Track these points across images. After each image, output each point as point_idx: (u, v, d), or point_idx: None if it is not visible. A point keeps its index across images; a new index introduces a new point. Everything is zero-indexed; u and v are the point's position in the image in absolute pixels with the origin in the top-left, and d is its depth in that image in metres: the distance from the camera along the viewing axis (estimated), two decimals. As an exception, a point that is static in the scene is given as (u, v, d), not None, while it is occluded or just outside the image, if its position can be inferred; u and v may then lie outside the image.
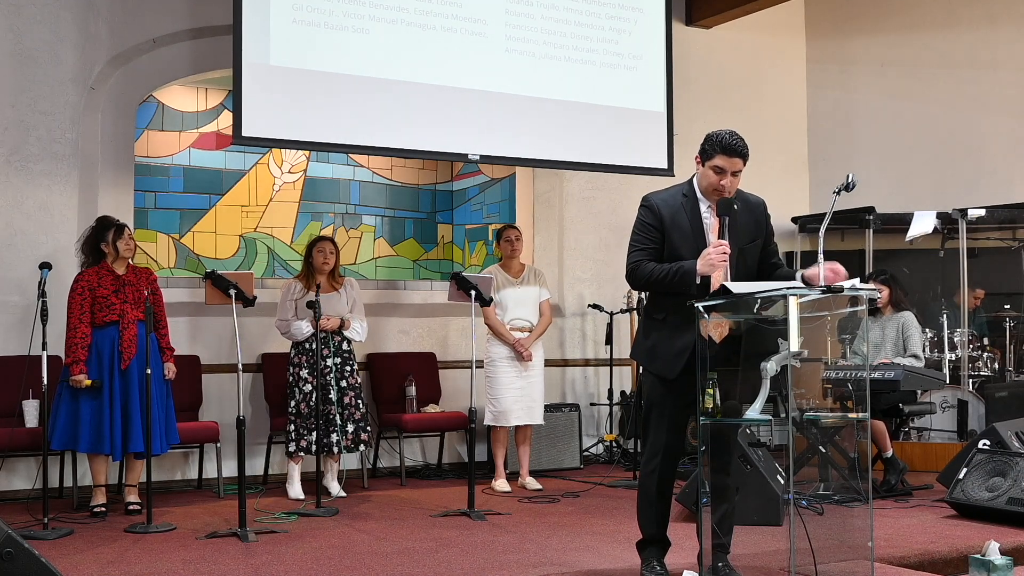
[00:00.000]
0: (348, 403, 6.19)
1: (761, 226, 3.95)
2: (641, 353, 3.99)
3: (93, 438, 5.46)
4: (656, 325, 3.90)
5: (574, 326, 8.16)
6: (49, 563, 3.12)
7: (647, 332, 3.95)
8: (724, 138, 3.77)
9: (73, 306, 5.52)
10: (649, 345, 3.92)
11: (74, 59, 6.55)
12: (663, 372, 3.85)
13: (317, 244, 6.35)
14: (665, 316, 3.86)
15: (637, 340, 4.07)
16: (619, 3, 7.46)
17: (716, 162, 3.77)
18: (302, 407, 6.13)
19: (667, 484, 3.96)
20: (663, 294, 3.86)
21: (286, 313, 6.22)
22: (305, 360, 6.18)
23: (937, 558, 4.50)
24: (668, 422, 3.88)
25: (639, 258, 3.85)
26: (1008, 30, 8.81)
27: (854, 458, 5.78)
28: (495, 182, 8.56)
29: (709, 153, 3.80)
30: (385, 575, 4.19)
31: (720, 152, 3.77)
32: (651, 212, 3.87)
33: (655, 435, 3.91)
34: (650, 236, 3.85)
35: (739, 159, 3.78)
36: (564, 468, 7.31)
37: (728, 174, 3.78)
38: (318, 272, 6.29)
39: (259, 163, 8.29)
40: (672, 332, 3.82)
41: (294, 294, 6.24)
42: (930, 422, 7.36)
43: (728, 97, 8.88)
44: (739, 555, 4.27)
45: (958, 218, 8.06)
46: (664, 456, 3.90)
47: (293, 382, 6.19)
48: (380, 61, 6.53)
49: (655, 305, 3.94)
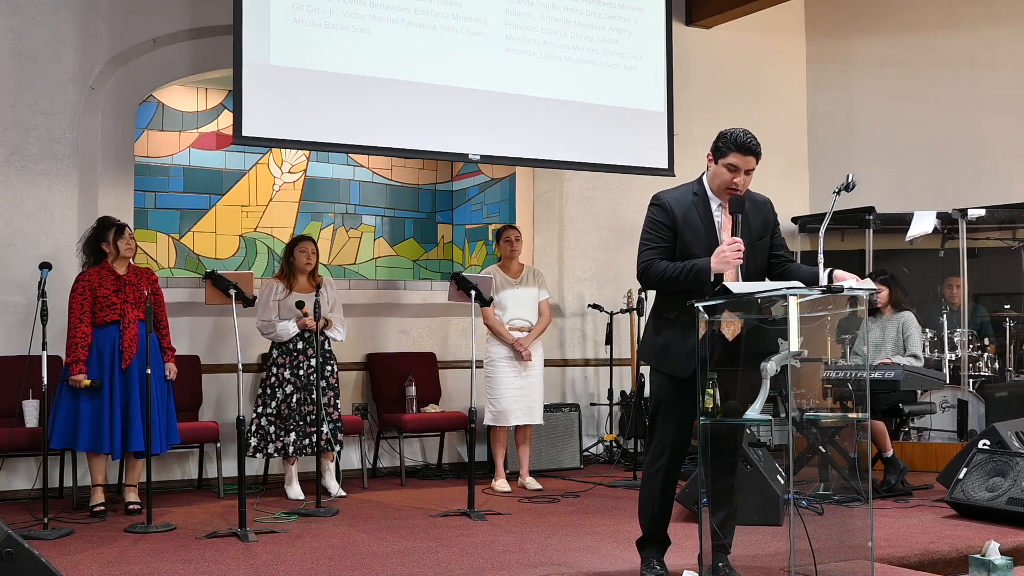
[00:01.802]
0: (326, 403, 6.17)
1: (769, 224, 3.95)
2: (651, 353, 3.96)
3: (93, 437, 5.46)
4: (668, 324, 3.87)
5: (574, 326, 8.16)
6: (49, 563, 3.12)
7: (658, 331, 3.91)
8: (739, 136, 3.76)
9: (74, 306, 5.53)
10: (661, 344, 3.89)
11: (74, 59, 6.55)
12: (676, 371, 3.83)
13: (299, 244, 6.33)
14: (677, 315, 3.82)
15: (646, 340, 4.03)
16: (619, 3, 7.46)
17: (730, 160, 3.76)
18: (283, 408, 6.11)
19: (671, 483, 3.95)
20: (674, 293, 3.82)
21: (269, 314, 6.18)
22: (288, 360, 6.17)
23: (937, 558, 4.50)
24: (676, 421, 3.87)
25: (651, 257, 3.82)
26: (1008, 30, 8.80)
27: (854, 458, 5.77)
28: (495, 182, 8.56)
29: (723, 151, 3.78)
30: (385, 575, 4.19)
31: (735, 150, 3.75)
32: (663, 211, 3.85)
33: (662, 434, 3.90)
34: (662, 235, 3.83)
35: (753, 158, 3.77)
36: (564, 468, 7.31)
37: (742, 172, 3.77)
38: (300, 272, 6.27)
39: (259, 163, 8.29)
40: (684, 331, 3.78)
41: (276, 295, 6.21)
42: (930, 422, 7.35)
43: (728, 97, 8.88)
44: (739, 555, 4.27)
45: (958, 218, 8.06)
46: (671, 455, 3.89)
47: (275, 383, 6.16)
48: (380, 61, 6.53)
49: (666, 304, 3.90)
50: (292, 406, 6.11)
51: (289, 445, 6.09)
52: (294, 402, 6.11)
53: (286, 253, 6.39)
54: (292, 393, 6.12)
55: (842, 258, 8.49)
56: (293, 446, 6.09)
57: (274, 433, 6.11)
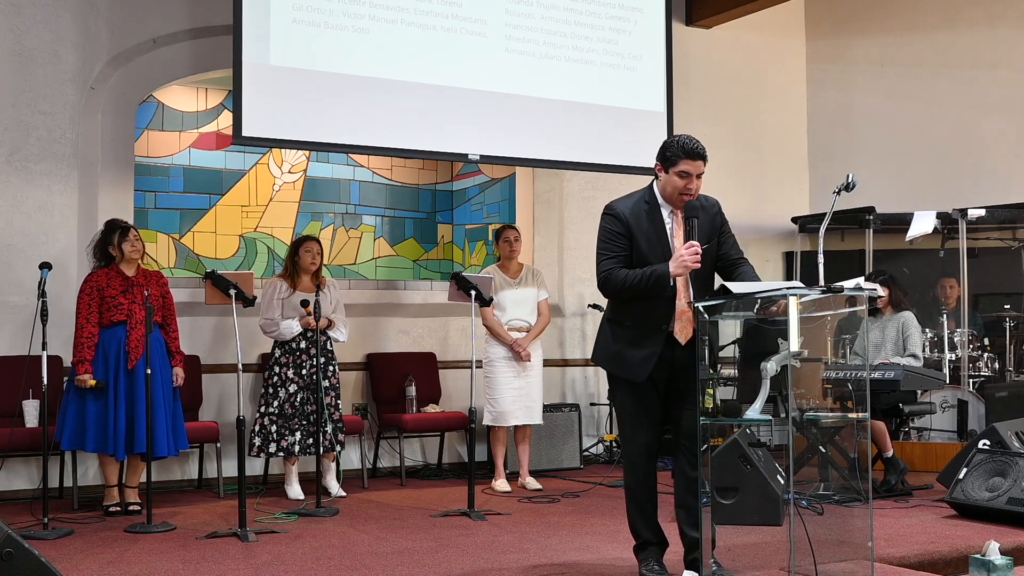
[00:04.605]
0: (329, 403, 6.18)
1: (716, 227, 4.02)
2: (606, 359, 4.07)
3: (99, 438, 5.46)
4: (623, 331, 3.98)
5: (574, 326, 8.16)
6: (49, 563, 3.11)
7: (615, 338, 4.01)
8: (686, 143, 3.86)
9: (81, 306, 5.53)
10: (615, 350, 4.00)
11: (74, 59, 6.55)
12: (632, 376, 3.94)
13: (304, 244, 6.34)
14: (633, 323, 3.94)
15: (600, 344, 4.13)
16: (619, 3, 7.46)
17: (681, 167, 3.85)
18: (286, 407, 6.12)
19: (654, 485, 4.05)
20: (629, 300, 3.93)
21: (273, 312, 6.19)
22: (292, 360, 6.17)
23: (937, 558, 4.50)
24: (645, 422, 3.97)
25: (610, 266, 3.92)
26: (1008, 30, 8.80)
27: (854, 458, 5.78)
28: (495, 182, 8.56)
29: (672, 159, 3.87)
30: (385, 575, 4.19)
31: (685, 157, 3.85)
32: (617, 220, 3.95)
33: (633, 440, 4.00)
34: (619, 243, 3.93)
35: (702, 162, 3.88)
36: (564, 468, 7.31)
37: (694, 177, 3.87)
38: (304, 272, 6.28)
39: (259, 163, 8.28)
40: (639, 338, 3.91)
41: (280, 293, 6.21)
42: (930, 422, 7.35)
43: (728, 97, 8.88)
44: (739, 555, 4.28)
45: (958, 218, 8.05)
46: (647, 457, 3.99)
47: (278, 382, 6.17)
48: (380, 61, 6.53)
49: (621, 311, 4.01)
50: (295, 405, 6.11)
51: (294, 445, 6.09)
52: (297, 401, 6.12)
53: (290, 252, 6.39)
54: (296, 392, 6.12)
55: (842, 258, 8.50)
56: (298, 445, 6.09)
57: (276, 432, 6.11)
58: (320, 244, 6.40)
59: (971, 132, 8.84)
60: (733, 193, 7.55)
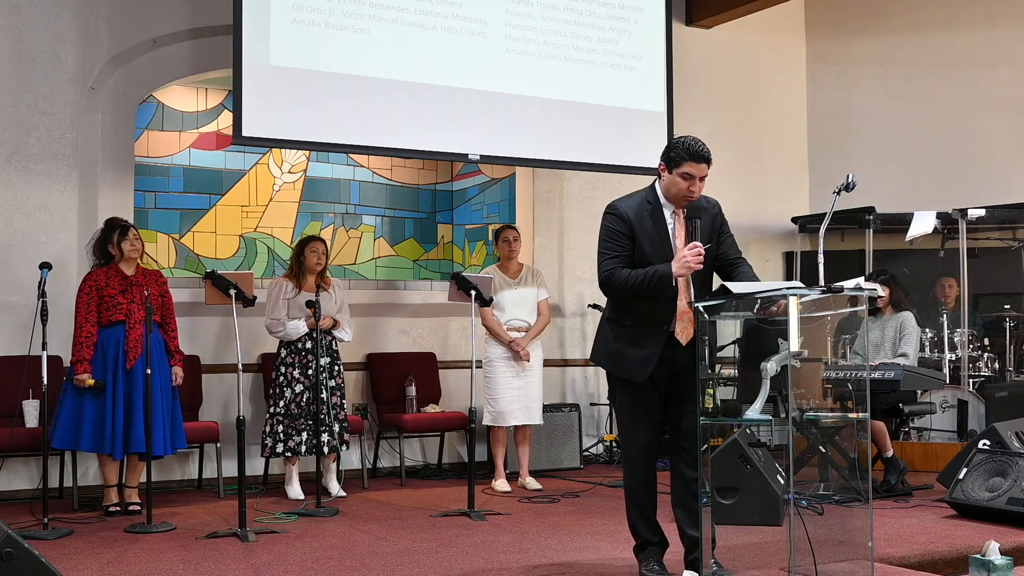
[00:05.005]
0: (334, 403, 6.19)
1: (716, 227, 4.03)
2: (606, 358, 4.07)
3: (95, 437, 5.46)
4: (623, 331, 3.97)
5: (574, 326, 8.16)
6: (49, 563, 3.12)
7: (615, 338, 4.01)
8: (691, 145, 3.85)
9: (80, 305, 5.53)
10: (615, 350, 4.00)
11: (74, 59, 6.55)
12: (632, 376, 3.94)
13: (310, 244, 6.34)
14: (633, 322, 3.94)
15: (599, 344, 4.12)
16: (619, 3, 7.46)
17: (685, 169, 3.85)
18: (292, 407, 6.12)
19: (654, 485, 4.05)
20: (629, 301, 3.93)
21: (278, 312, 6.20)
22: (298, 360, 6.18)
23: (937, 558, 4.50)
24: (645, 422, 3.97)
25: (612, 266, 3.92)
26: (1008, 30, 8.80)
27: (854, 458, 5.78)
28: (495, 182, 8.57)
29: (677, 161, 3.86)
30: (385, 575, 4.19)
31: (689, 159, 3.84)
32: (619, 219, 3.94)
33: (633, 440, 4.00)
34: (621, 243, 3.93)
35: (706, 165, 3.87)
36: (564, 468, 7.31)
37: (697, 180, 3.86)
38: (309, 272, 6.29)
39: (259, 163, 8.28)
40: (639, 338, 3.91)
41: (286, 293, 6.22)
42: (930, 422, 7.35)
43: (728, 97, 8.88)
44: (739, 555, 4.28)
45: (958, 218, 8.05)
46: (647, 457, 3.99)
47: (284, 382, 6.17)
48: (380, 61, 6.53)
49: (621, 311, 4.00)
50: (302, 405, 6.11)
51: (300, 445, 6.09)
52: (304, 401, 6.11)
53: (296, 252, 6.39)
54: (302, 392, 6.13)
55: (842, 258, 8.50)
56: (304, 446, 6.08)
57: (283, 432, 6.11)
58: (325, 244, 6.40)
59: (971, 132, 8.84)
60: (733, 193, 7.54)
